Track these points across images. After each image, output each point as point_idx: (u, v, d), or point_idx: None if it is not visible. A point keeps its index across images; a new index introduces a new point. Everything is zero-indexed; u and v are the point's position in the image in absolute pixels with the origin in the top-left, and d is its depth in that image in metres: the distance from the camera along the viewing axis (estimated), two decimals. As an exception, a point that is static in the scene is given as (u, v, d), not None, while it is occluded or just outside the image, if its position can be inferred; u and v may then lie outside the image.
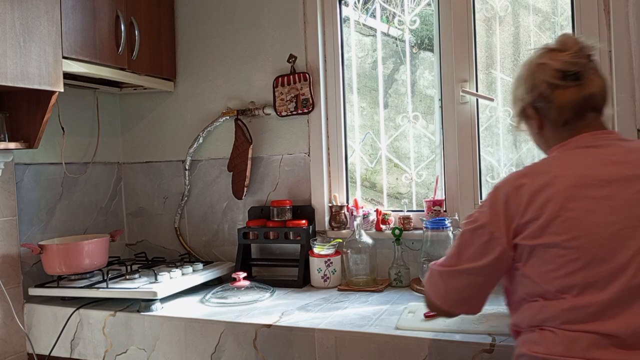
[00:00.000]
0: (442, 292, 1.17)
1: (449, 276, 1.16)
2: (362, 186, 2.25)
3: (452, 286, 1.16)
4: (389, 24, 2.19)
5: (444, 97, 2.02)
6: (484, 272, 1.11)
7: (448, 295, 1.17)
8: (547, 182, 1.04)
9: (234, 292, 1.90)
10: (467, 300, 1.17)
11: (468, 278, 1.13)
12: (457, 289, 1.15)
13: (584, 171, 1.04)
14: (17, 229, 1.99)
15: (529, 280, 1.05)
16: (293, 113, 2.18)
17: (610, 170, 1.03)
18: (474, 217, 1.13)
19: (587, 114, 1.11)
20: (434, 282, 1.20)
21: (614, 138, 1.12)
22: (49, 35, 1.74)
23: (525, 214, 1.04)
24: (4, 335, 1.92)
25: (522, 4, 1.97)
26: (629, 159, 1.05)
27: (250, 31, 2.29)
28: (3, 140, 1.81)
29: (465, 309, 1.18)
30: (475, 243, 1.11)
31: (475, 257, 1.11)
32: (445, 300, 1.17)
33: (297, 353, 1.55)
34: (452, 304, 1.17)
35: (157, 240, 2.50)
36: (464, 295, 1.16)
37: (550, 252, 1.01)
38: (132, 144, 2.54)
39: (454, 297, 1.16)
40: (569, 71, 1.10)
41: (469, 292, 1.15)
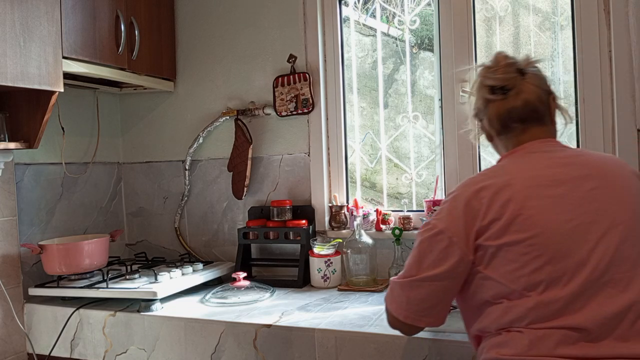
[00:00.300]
0: (405, 305, 1.15)
1: (410, 287, 1.14)
2: (362, 186, 2.25)
3: (414, 296, 1.13)
4: (389, 24, 2.19)
5: (444, 97, 2.02)
6: (445, 278, 1.10)
7: (410, 306, 1.14)
8: (505, 183, 1.07)
9: (234, 292, 1.90)
10: (430, 311, 1.14)
11: (430, 286, 1.12)
12: (420, 299, 1.13)
13: (538, 172, 1.09)
14: (17, 229, 1.99)
15: (493, 282, 1.06)
16: (293, 113, 2.18)
17: (562, 171, 1.08)
18: (431, 224, 1.13)
19: (512, 125, 1.18)
20: (395, 295, 1.18)
21: (559, 145, 1.19)
22: (49, 35, 1.74)
23: (487, 216, 1.06)
24: (4, 335, 1.92)
25: (522, 4, 1.97)
26: (578, 161, 1.11)
27: (250, 31, 2.29)
28: (3, 140, 1.81)
29: (428, 320, 1.15)
30: (434, 250, 1.10)
31: (436, 263, 1.10)
32: (407, 312, 1.15)
33: (297, 353, 1.55)
34: (415, 316, 1.15)
35: (157, 240, 2.50)
36: (426, 305, 1.14)
37: (513, 251, 1.03)
38: (132, 144, 2.54)
39: (416, 307, 1.14)
40: (496, 86, 1.18)
41: (432, 301, 1.13)
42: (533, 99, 1.17)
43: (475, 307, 1.12)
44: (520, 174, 1.09)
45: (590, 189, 1.06)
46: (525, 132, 1.18)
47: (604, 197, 1.05)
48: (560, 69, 1.92)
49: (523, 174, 1.09)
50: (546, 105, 1.19)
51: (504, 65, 1.18)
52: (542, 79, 1.20)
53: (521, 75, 1.18)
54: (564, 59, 1.91)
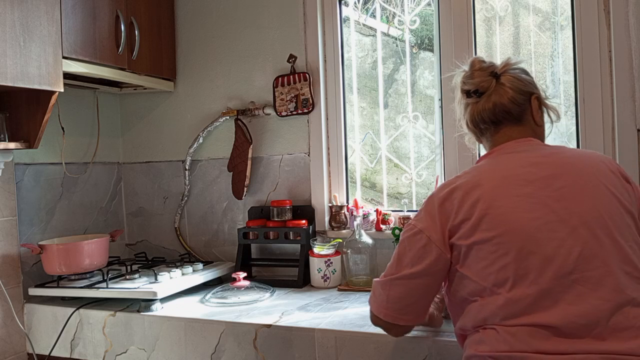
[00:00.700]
0: (384, 303, 1.19)
1: (390, 285, 1.18)
2: (362, 186, 2.25)
3: (394, 295, 1.17)
4: (389, 24, 2.19)
5: (444, 97, 2.02)
6: (424, 276, 1.14)
7: (390, 305, 1.18)
8: (475, 184, 1.11)
9: (234, 292, 1.90)
10: (409, 309, 1.18)
11: (408, 284, 1.15)
12: (399, 297, 1.17)
13: (507, 172, 1.12)
14: (17, 229, 1.99)
15: (468, 280, 1.09)
16: (293, 113, 2.18)
17: (531, 171, 1.11)
18: (411, 224, 1.17)
19: (483, 126, 1.24)
20: (376, 294, 1.22)
21: (536, 144, 1.21)
22: (49, 35, 1.74)
23: (457, 215, 1.10)
24: (4, 335, 1.92)
25: (522, 4, 1.97)
26: (548, 160, 1.13)
27: (250, 31, 2.29)
28: (3, 140, 1.81)
29: (407, 318, 1.19)
30: (413, 248, 1.14)
31: (414, 261, 1.14)
32: (387, 311, 1.18)
33: (297, 353, 1.55)
34: (394, 314, 1.18)
35: (157, 240, 2.50)
36: (405, 303, 1.17)
37: (483, 250, 1.06)
38: (132, 144, 2.54)
39: (396, 306, 1.17)
40: (470, 90, 1.25)
41: (410, 299, 1.17)
42: (504, 101, 1.21)
43: (457, 305, 1.15)
44: (491, 175, 1.13)
45: (559, 188, 1.07)
46: (498, 132, 1.24)
47: (573, 195, 1.07)
48: (560, 69, 1.92)
49: (494, 174, 1.13)
50: (522, 106, 1.22)
51: (477, 69, 1.24)
52: (522, 80, 1.23)
53: (496, 79, 1.23)
54: (564, 59, 1.91)
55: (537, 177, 1.09)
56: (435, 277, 1.15)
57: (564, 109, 1.92)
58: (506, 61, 1.25)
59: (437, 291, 1.19)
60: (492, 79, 1.22)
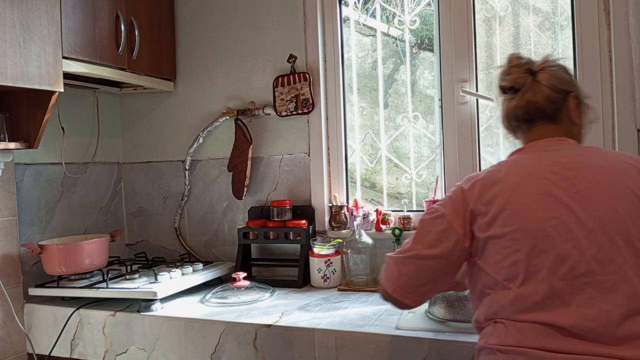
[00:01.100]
0: (395, 278, 1.20)
1: (403, 262, 1.19)
2: (362, 186, 2.25)
3: (405, 272, 1.19)
4: (389, 24, 2.19)
5: (444, 97, 2.02)
6: (438, 258, 1.15)
7: (399, 281, 1.19)
8: (497, 179, 1.12)
9: (234, 292, 1.90)
10: (417, 289, 1.19)
11: (422, 265, 1.17)
12: (409, 275, 1.18)
13: (531, 170, 1.12)
14: (17, 229, 1.99)
15: (484, 272, 1.11)
16: (293, 113, 2.18)
17: (556, 170, 1.10)
18: (435, 208, 1.19)
19: (516, 124, 1.24)
20: (388, 269, 1.23)
21: (568, 144, 1.20)
22: (49, 35, 1.74)
23: (478, 208, 1.11)
24: (4, 335, 1.92)
25: (522, 4, 1.97)
26: (575, 161, 1.12)
27: (250, 31, 2.29)
28: (3, 140, 1.81)
29: (412, 298, 1.20)
30: (432, 231, 1.16)
31: (431, 244, 1.16)
32: (396, 286, 1.20)
33: (297, 353, 1.55)
34: (401, 291, 1.19)
35: (157, 240, 2.50)
36: (413, 283, 1.19)
37: (497, 244, 1.08)
38: (132, 144, 2.54)
39: (405, 283, 1.19)
40: (506, 87, 1.24)
41: (420, 280, 1.18)
42: (538, 99, 1.20)
43: (476, 297, 1.17)
44: (514, 171, 1.13)
45: (583, 189, 1.07)
46: (531, 130, 1.22)
47: (596, 197, 1.06)
48: (560, 69, 1.91)
49: (517, 170, 1.13)
50: (557, 104, 1.20)
51: (514, 66, 1.24)
52: (559, 78, 1.21)
53: (532, 76, 1.21)
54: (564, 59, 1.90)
55: (562, 177, 1.08)
56: (449, 262, 1.16)
57: (564, 109, 1.92)
58: (545, 58, 1.24)
59: (449, 279, 1.20)
60: (528, 75, 1.21)
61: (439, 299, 1.54)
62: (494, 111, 2.00)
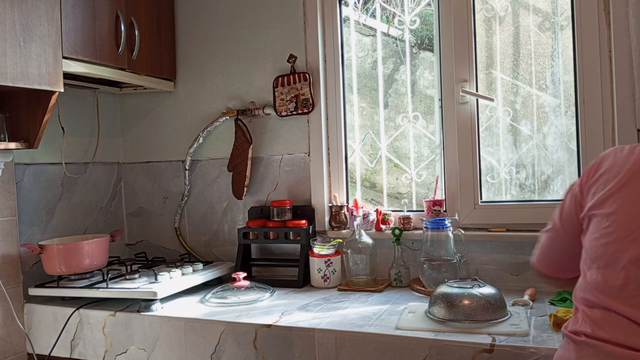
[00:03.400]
0: (539, 252, 1.30)
1: (544, 235, 1.28)
2: (362, 186, 2.25)
3: (543, 243, 1.28)
4: (389, 24, 2.19)
5: (444, 97, 2.01)
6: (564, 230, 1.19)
7: (540, 252, 1.30)
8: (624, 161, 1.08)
9: (234, 292, 1.90)
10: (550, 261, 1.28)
11: (550, 235, 1.25)
12: (545, 247, 1.27)
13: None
14: (17, 229, 1.99)
15: (583, 250, 1.12)
16: (293, 113, 2.18)
17: None
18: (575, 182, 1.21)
19: None
20: (538, 245, 1.31)
21: None
22: (49, 35, 1.74)
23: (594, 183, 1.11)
24: (4, 335, 1.92)
25: (522, 4, 1.97)
26: None
27: (250, 31, 2.29)
28: (3, 140, 1.81)
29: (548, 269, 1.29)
30: (564, 204, 1.20)
31: (562, 216, 1.20)
32: (537, 257, 1.30)
33: (297, 353, 1.55)
34: (539, 261, 1.30)
35: (157, 240, 2.50)
36: (549, 255, 1.27)
37: (598, 223, 1.07)
38: (132, 144, 2.54)
39: (542, 255, 1.29)
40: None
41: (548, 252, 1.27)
42: None
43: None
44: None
45: None
46: None
47: None
48: (560, 69, 1.92)
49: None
50: None
51: None
52: None
53: None
54: (564, 59, 1.91)
55: None
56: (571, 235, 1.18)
57: (564, 109, 1.92)
58: None
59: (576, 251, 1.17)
60: None
61: (439, 299, 1.54)
62: (494, 111, 2.00)
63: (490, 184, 2.01)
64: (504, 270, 1.91)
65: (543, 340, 1.34)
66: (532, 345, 1.31)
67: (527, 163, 1.98)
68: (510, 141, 2.01)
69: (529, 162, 1.98)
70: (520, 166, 1.99)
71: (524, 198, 1.99)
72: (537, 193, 1.98)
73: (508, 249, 1.90)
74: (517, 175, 2.00)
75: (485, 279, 1.80)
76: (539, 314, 1.56)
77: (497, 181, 2.01)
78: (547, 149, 1.95)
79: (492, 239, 1.91)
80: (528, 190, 1.99)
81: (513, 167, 1.99)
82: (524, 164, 1.99)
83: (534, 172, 1.98)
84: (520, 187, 2.01)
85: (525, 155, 1.98)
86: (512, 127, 1.99)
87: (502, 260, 1.91)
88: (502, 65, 2.00)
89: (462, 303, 1.50)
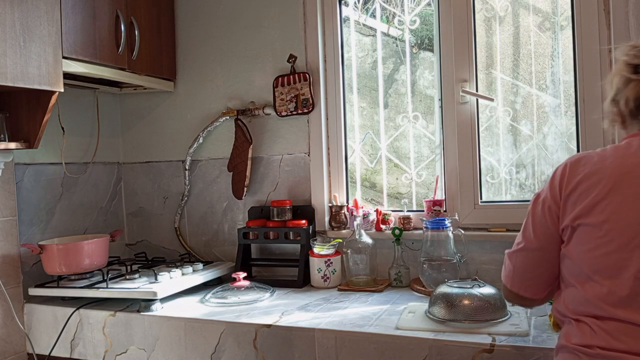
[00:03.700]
0: (511, 273, 1.21)
1: (515, 255, 1.20)
2: (362, 186, 2.25)
3: (518, 264, 1.19)
4: (389, 24, 2.19)
5: (444, 97, 2.01)
6: (541, 247, 1.14)
7: (515, 275, 1.20)
8: (602, 166, 1.06)
9: (234, 292, 1.90)
10: (529, 280, 1.18)
11: (528, 254, 1.16)
12: (522, 268, 1.18)
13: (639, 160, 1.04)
14: (17, 229, 1.99)
15: (570, 260, 1.08)
16: (293, 113, 2.18)
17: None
18: (538, 193, 1.17)
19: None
20: (505, 265, 1.24)
21: None
22: (49, 35, 1.74)
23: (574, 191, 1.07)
24: (4, 335, 1.92)
25: (522, 4, 1.97)
26: None
27: (250, 31, 2.29)
28: (3, 140, 1.81)
29: (530, 291, 1.19)
30: (535, 218, 1.14)
31: (535, 231, 1.14)
32: (513, 281, 1.21)
33: (297, 353, 1.55)
34: (518, 285, 1.20)
35: (157, 240, 2.50)
36: (526, 276, 1.18)
37: (589, 233, 1.03)
38: (132, 144, 2.54)
39: (519, 277, 1.19)
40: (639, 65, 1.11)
41: (530, 272, 1.17)
42: None
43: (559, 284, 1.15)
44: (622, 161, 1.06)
45: None
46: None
47: None
48: (560, 69, 1.92)
49: (625, 160, 1.05)
50: None
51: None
52: None
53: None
54: (564, 59, 1.91)
55: None
56: (551, 249, 1.13)
57: (564, 109, 1.92)
58: None
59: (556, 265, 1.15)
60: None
61: (439, 299, 1.54)
62: (494, 111, 2.00)
63: (490, 184, 2.01)
64: (504, 270, 1.90)
65: (543, 340, 1.34)
66: (532, 345, 1.31)
67: (527, 163, 1.99)
68: (510, 141, 2.01)
69: (529, 162, 1.98)
70: (520, 166, 1.99)
71: (524, 198, 1.99)
72: (537, 193, 1.98)
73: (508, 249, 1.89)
74: (517, 175, 2.00)
75: (485, 279, 1.80)
76: (539, 314, 1.56)
77: (497, 181, 2.01)
78: (547, 149, 1.95)
79: (492, 239, 1.91)
80: (528, 190, 1.99)
81: (513, 167, 1.99)
82: (524, 164, 1.99)
83: (534, 172, 1.98)
84: (520, 187, 2.01)
85: (525, 155, 1.98)
86: (512, 127, 1.99)
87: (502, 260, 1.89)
88: (502, 65, 2.00)
89: (462, 303, 1.50)
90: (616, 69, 1.16)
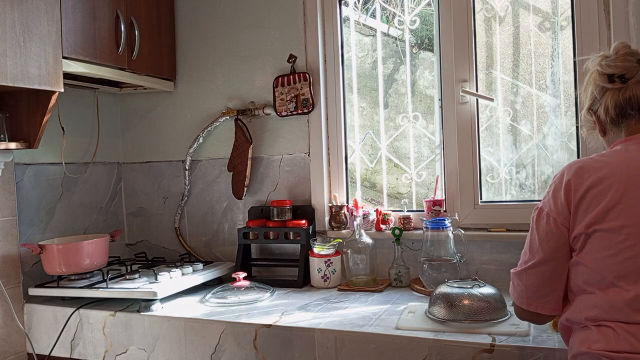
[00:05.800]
0: (524, 293, 1.18)
1: (526, 274, 1.17)
2: (362, 186, 2.25)
3: (530, 282, 1.16)
4: (389, 24, 2.19)
5: (444, 97, 2.02)
6: (553, 260, 1.12)
7: (529, 293, 1.17)
8: (609, 171, 1.06)
9: (234, 292, 1.90)
10: (546, 296, 1.16)
11: (539, 270, 1.14)
12: (535, 285, 1.16)
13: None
14: (17, 229, 1.99)
15: (585, 268, 1.07)
16: (293, 113, 2.18)
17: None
18: (539, 207, 1.16)
19: (630, 112, 1.14)
20: (514, 285, 1.21)
21: None
22: (49, 35, 1.74)
23: (583, 200, 1.06)
24: (4, 335, 1.92)
25: (522, 4, 1.97)
26: None
27: (250, 31, 2.29)
28: (3, 140, 1.81)
29: (548, 307, 1.17)
30: (541, 233, 1.13)
31: (543, 245, 1.13)
32: (528, 300, 1.18)
33: (297, 353, 1.55)
34: (535, 304, 1.17)
35: (157, 240, 2.50)
36: (542, 292, 1.16)
37: (608, 239, 1.03)
38: (132, 144, 2.54)
39: (533, 295, 1.17)
40: (615, 74, 1.15)
41: (546, 287, 1.15)
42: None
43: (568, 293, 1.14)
44: (627, 163, 1.07)
45: None
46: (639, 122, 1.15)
47: None
48: (560, 69, 1.92)
49: (630, 163, 1.07)
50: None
51: (623, 54, 1.16)
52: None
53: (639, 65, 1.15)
54: (564, 59, 1.91)
55: None
56: (562, 260, 1.12)
57: (564, 109, 1.92)
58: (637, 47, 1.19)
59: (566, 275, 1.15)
60: (638, 65, 1.15)
61: (439, 299, 1.54)
62: (494, 111, 2.00)
63: (490, 184, 2.01)
64: (504, 270, 1.90)
65: (543, 340, 1.34)
66: (532, 345, 1.32)
67: (527, 163, 1.99)
68: (510, 141, 2.01)
69: (529, 162, 1.98)
70: (520, 166, 1.99)
71: (524, 198, 1.99)
72: (537, 193, 1.98)
73: (508, 249, 1.90)
74: (517, 175, 2.00)
75: (485, 279, 1.80)
76: (539, 314, 1.56)
77: (497, 181, 2.01)
78: (547, 149, 1.95)
79: (492, 239, 1.91)
80: (528, 190, 1.99)
81: (513, 167, 1.99)
82: (524, 164, 1.99)
83: (534, 172, 1.98)
84: (520, 187, 2.01)
85: (525, 155, 1.98)
86: (512, 127, 1.99)
87: (502, 260, 1.91)
88: (502, 65, 2.00)
89: (462, 303, 1.50)
90: (590, 79, 1.20)
